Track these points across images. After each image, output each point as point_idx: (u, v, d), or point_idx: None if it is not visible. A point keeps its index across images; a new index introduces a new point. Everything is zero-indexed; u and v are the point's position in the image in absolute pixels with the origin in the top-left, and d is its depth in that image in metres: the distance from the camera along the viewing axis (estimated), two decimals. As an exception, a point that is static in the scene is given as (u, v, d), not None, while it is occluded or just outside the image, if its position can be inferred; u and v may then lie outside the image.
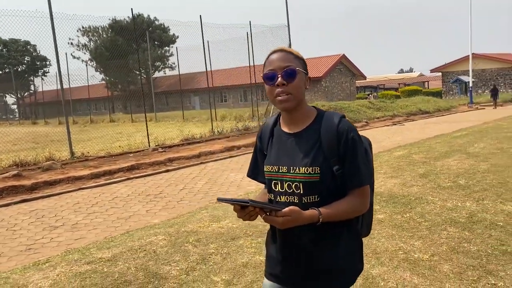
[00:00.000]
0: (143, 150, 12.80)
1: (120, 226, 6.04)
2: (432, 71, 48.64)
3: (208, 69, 21.59)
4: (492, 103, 27.93)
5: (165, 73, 52.47)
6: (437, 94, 43.50)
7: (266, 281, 1.85)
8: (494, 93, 28.94)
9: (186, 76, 35.09)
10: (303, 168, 1.64)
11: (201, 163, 11.00)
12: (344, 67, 41.49)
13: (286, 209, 1.51)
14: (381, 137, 14.20)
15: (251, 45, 17.17)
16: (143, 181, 9.13)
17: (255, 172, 1.92)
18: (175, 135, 15.15)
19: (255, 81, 18.10)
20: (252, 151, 1.94)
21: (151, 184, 8.76)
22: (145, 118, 13.81)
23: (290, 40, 18.47)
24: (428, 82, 59.13)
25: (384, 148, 11.26)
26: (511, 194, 5.65)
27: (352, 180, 1.65)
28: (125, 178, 9.33)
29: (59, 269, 4.14)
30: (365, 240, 4.32)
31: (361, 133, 1.72)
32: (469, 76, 39.82)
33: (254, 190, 7.53)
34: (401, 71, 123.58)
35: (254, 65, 17.52)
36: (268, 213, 1.52)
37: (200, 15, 15.29)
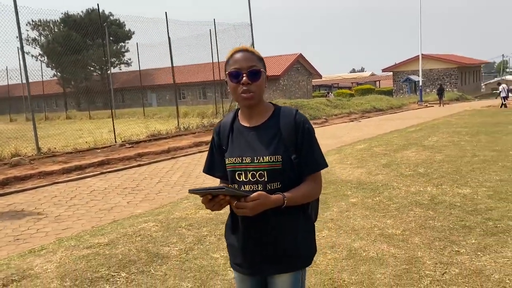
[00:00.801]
0: (109, 146, 12.82)
1: (105, 216, 6.22)
2: (383, 70, 50.74)
3: (169, 65, 21.67)
4: (438, 102, 29.64)
5: (120, 69, 51.49)
6: (388, 93, 45.41)
7: (235, 273, 1.96)
8: (440, 92, 30.77)
9: (143, 72, 34.69)
10: (267, 157, 1.75)
11: (172, 157, 11.22)
12: (301, 66, 42.44)
13: (255, 194, 1.63)
14: (341, 133, 14.93)
15: (216, 42, 17.47)
16: (116, 175, 9.26)
17: (212, 168, 1.97)
18: (140, 131, 15.21)
19: (219, 77, 18.36)
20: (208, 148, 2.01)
21: (125, 178, 8.91)
22: (112, 114, 13.86)
23: (253, 39, 18.91)
24: (379, 81, 61.47)
25: (345, 142, 11.93)
26: (464, 180, 6.36)
27: (309, 166, 1.81)
28: (98, 172, 9.41)
29: (60, 254, 4.35)
30: (343, 219, 4.85)
31: (321, 129, 2.10)
32: (418, 75, 41.99)
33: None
34: (353, 71, 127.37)
35: (218, 62, 17.81)
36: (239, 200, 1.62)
37: (166, 12, 15.34)
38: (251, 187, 1.77)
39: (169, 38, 15.61)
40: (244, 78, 1.73)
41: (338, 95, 39.24)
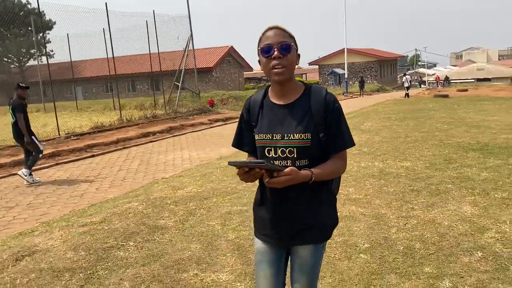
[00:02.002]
0: (54, 139, 12.56)
1: (78, 202, 6.41)
2: (310, 64, 52.90)
3: (104, 56, 21.18)
4: (359, 93, 31.79)
5: (41, 61, 48.61)
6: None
7: (258, 241, 2.03)
8: (361, 84, 33.11)
9: (66, 65, 33.23)
10: (297, 134, 1.81)
11: (124, 147, 11.33)
12: (232, 58, 43.02)
13: (287, 169, 1.71)
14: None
15: (156, 33, 17.48)
16: (73, 166, 9.28)
17: (240, 142, 2.05)
18: (81, 124, 14.98)
19: (160, 69, 18.41)
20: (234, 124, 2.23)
21: (84, 168, 8.98)
22: (54, 107, 13.48)
23: (191, 30, 19.14)
24: (306, 74, 63.86)
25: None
26: (404, 156, 7.37)
27: (338, 144, 1.88)
28: (54, 163, 9.37)
29: (57, 233, 4.59)
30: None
31: None
32: (342, 68, 44.42)
33: (188, 167, 8.31)
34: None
35: (158, 53, 17.85)
36: (274, 175, 1.71)
37: (106, 3, 15.12)
38: (280, 163, 1.84)
39: (109, 29, 15.43)
40: (275, 52, 1.78)
41: (269, 86, 40.38)
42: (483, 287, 2.95)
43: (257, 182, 1.91)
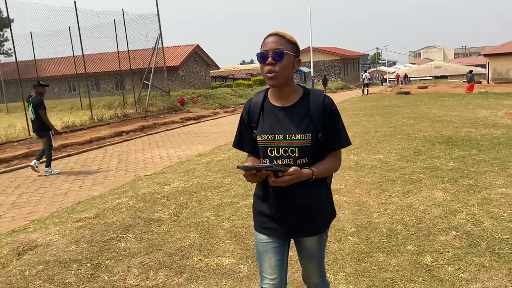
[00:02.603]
0: (25, 139, 12.36)
1: (64, 200, 6.47)
2: (276, 62, 53.31)
3: (59, 56, 20.80)
4: (323, 90, 32.59)
5: (-1, 61, 46.90)
6: (282, 83, 48.06)
7: (259, 235, 2.12)
8: (325, 82, 34.03)
9: (25, 64, 32.27)
10: (299, 135, 1.92)
11: (100, 147, 11.32)
12: (199, 57, 42.92)
13: (291, 169, 1.82)
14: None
15: (125, 31, 17.37)
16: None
17: (240, 143, 2.15)
18: (53, 123, 14.74)
19: (129, 67, 18.31)
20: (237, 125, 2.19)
21: (62, 167, 8.96)
22: (24, 106, 13.21)
23: (160, 29, 19.11)
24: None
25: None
26: (376, 149, 7.82)
27: (335, 143, 2.00)
28: (30, 163, 9.27)
29: (54, 228, 4.71)
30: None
31: (232, 116, 2.05)
32: (307, 67, 45.23)
33: (169, 165, 8.47)
34: (243, 62, 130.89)
35: (128, 51, 17.74)
36: (278, 175, 1.82)
37: (75, 1, 14.91)
38: (283, 161, 1.95)
39: (78, 27, 15.24)
40: (269, 59, 1.89)
41: (237, 85, 40.58)
42: (460, 260, 3.35)
43: (238, 176, 1.99)
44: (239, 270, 3.41)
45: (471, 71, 27.99)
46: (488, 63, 34.81)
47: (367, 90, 27.72)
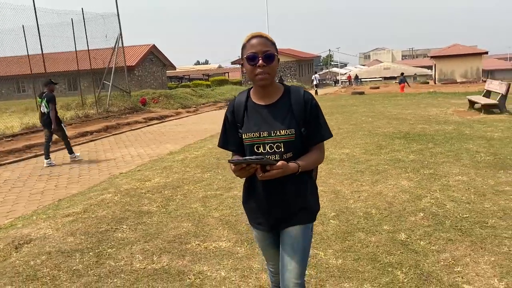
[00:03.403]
0: (-16, 140, 12.00)
1: (42, 198, 6.51)
2: (232, 63, 53.81)
3: (19, 53, 20.11)
4: None
5: None
6: (238, 83, 48.48)
7: (254, 230, 2.23)
8: (281, 82, 34.85)
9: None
10: (283, 130, 1.98)
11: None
12: (155, 57, 42.53)
13: (279, 163, 1.88)
14: (220, 118, 16.35)
15: (85, 31, 17.11)
16: (19, 166, 9.13)
17: (225, 142, 2.20)
18: (11, 124, 14.37)
19: (90, 66, 18.04)
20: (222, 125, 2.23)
21: (32, 167, 8.89)
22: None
23: (120, 29, 18.96)
24: (228, 73, 64.70)
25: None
26: (342, 144, 8.35)
27: (317, 136, 2.06)
28: (-4, 164, 9.11)
29: (45, 223, 4.83)
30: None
31: (197, 116, 3.03)
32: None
33: (141, 163, 8.62)
34: (198, 63, 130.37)
35: (88, 50, 17.49)
36: (266, 169, 1.88)
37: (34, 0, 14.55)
38: (269, 157, 1.98)
39: (38, 25, 14.89)
40: (260, 61, 1.93)
41: (195, 85, 40.54)
42: (429, 235, 3.84)
43: (216, 170, 2.12)
44: (237, 252, 3.74)
45: (402, 74, 31.22)
46: (435, 64, 36.83)
47: (316, 90, 29.04)
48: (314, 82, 30.13)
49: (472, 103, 13.26)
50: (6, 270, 3.63)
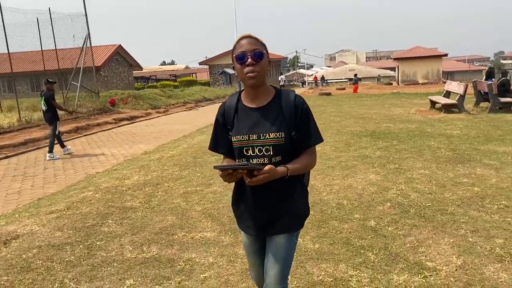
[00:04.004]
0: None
1: (20, 198, 6.56)
2: (200, 63, 53.74)
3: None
4: None
5: None
6: (206, 84, 48.52)
7: (243, 234, 2.22)
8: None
9: None
10: (272, 134, 1.96)
11: (38, 148, 11.14)
12: (121, 57, 42.00)
13: (266, 167, 1.85)
14: (191, 119, 16.54)
15: (52, 31, 16.89)
16: (-10, 167, 9.03)
17: (216, 145, 2.18)
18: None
19: (58, 66, 17.79)
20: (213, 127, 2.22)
21: (4, 169, 8.84)
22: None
23: (88, 29, 18.79)
24: (196, 74, 64.55)
25: (202, 125, 13.61)
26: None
27: (307, 140, 2.04)
28: (-34, 165, 8.99)
29: (28, 221, 4.94)
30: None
31: (167, 117, 3.28)
32: (232, 69, 46.09)
33: (117, 163, 8.73)
34: (164, 63, 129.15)
35: (56, 50, 17.26)
36: (254, 174, 1.85)
37: (0, -1, 14.25)
38: (258, 160, 1.98)
39: (3, 24, 14.60)
40: (249, 59, 1.93)
41: (163, 86, 40.31)
42: (396, 222, 4.23)
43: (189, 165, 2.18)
44: (222, 240, 4.01)
45: (356, 75, 33.90)
46: (398, 66, 38.11)
47: None
48: (281, 83, 31.08)
49: (433, 103, 13.99)
50: (0, 263, 3.77)
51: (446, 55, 38.22)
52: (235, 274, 3.33)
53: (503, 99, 12.15)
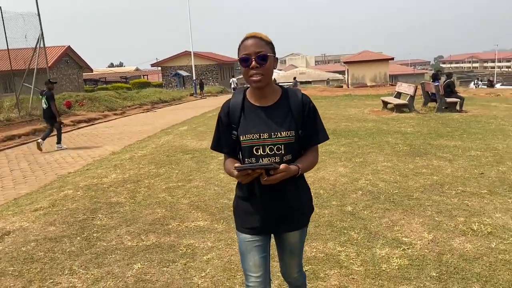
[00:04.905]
0: None
1: (-7, 198, 6.49)
2: (152, 65, 53.14)
3: None
4: (199, 94, 34.13)
5: None
6: (159, 86, 48.04)
7: (242, 235, 2.14)
8: (201, 86, 35.58)
9: None
10: (284, 132, 1.97)
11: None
12: (70, 59, 40.80)
13: (282, 166, 1.87)
14: (150, 120, 16.52)
15: (4, 30, 16.33)
16: (-49, 170, 8.74)
17: (219, 144, 2.15)
18: None
19: (11, 68, 17.19)
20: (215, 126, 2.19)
21: (-34, 171, 8.58)
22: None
23: (41, 29, 18.27)
24: (147, 75, 63.63)
25: (164, 126, 13.69)
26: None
27: (314, 138, 2.08)
28: None
29: (15, 218, 5.00)
30: (212, 172, 6.86)
31: (125, 119, 3.52)
32: (185, 71, 46.08)
33: (84, 163, 8.74)
34: (112, 65, 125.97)
35: (8, 50, 16.68)
36: (270, 173, 1.86)
37: None
38: (269, 159, 1.98)
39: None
40: (253, 63, 1.92)
41: (114, 88, 39.52)
42: (370, 207, 4.71)
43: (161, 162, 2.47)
44: (216, 228, 4.31)
45: (295, 78, 35.96)
46: (347, 69, 39.60)
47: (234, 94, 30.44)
48: (232, 86, 31.74)
49: (385, 104, 14.87)
50: (0, 256, 3.86)
51: (392, 58, 40.18)
52: (235, 255, 3.65)
53: (448, 99, 13.18)
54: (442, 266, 3.30)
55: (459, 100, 13.24)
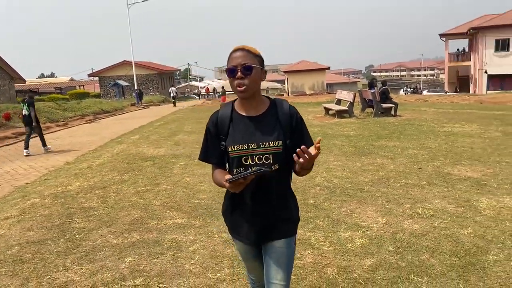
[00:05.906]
0: None
1: (-49, 211, 6.37)
2: (89, 75, 51.67)
3: None
4: (141, 103, 33.96)
5: None
6: (97, 96, 46.79)
7: (238, 243, 2.23)
8: (140, 95, 35.38)
9: None
10: (272, 142, 2.01)
11: None
12: (0, 69, 38.74)
13: (312, 148, 1.86)
14: (97, 131, 16.32)
15: None
16: None
17: (208, 155, 2.17)
18: None
19: None
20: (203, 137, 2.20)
21: None
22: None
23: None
24: (83, 86, 61.59)
25: (112, 136, 13.66)
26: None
27: (305, 145, 1.96)
28: None
29: (6, 214, 5.04)
30: (179, 176, 7.21)
31: (69, 130, 3.87)
32: (124, 80, 45.32)
33: (39, 174, 8.68)
34: (42, 76, 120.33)
35: None
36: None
37: None
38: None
39: None
40: (239, 73, 1.96)
41: (51, 100, 38.01)
42: (329, 199, 5.29)
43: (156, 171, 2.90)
44: (194, 223, 4.67)
45: (223, 87, 36.78)
46: (287, 78, 40.97)
47: (174, 102, 31.60)
48: (172, 94, 32.75)
49: (327, 110, 15.81)
50: (-13, 260, 3.97)
51: (329, 68, 42.13)
52: (218, 244, 4.06)
53: (384, 105, 14.33)
54: (397, 242, 3.92)
55: (393, 105, 14.44)
